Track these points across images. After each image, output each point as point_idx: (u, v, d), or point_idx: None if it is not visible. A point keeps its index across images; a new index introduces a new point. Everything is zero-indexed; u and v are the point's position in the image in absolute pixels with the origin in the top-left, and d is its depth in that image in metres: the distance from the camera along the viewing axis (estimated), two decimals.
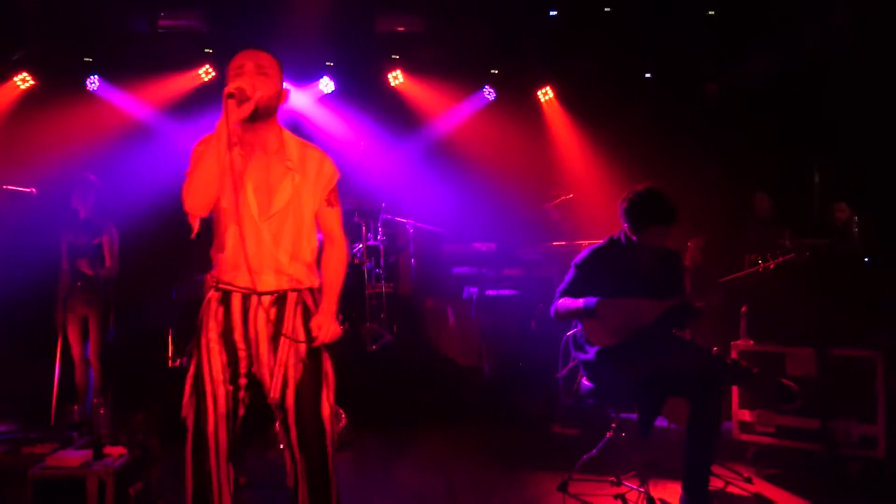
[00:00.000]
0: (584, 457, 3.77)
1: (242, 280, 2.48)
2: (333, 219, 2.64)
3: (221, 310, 2.51)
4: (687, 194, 4.78)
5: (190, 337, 6.03)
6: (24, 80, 6.72)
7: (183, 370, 5.74)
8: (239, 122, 2.38)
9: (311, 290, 2.58)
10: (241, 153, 2.49)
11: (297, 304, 2.54)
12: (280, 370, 2.48)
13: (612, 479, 3.78)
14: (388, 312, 6.31)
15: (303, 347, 2.49)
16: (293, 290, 2.53)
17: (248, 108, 2.36)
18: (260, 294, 2.49)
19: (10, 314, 5.66)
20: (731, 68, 6.82)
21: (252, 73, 2.43)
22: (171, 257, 6.06)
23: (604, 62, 7.03)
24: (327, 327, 2.50)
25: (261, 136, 2.51)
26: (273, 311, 2.50)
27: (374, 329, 6.10)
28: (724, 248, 5.76)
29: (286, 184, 2.50)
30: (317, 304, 2.58)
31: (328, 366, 2.56)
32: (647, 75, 7.30)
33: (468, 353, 6.14)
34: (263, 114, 2.45)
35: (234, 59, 2.47)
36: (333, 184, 2.62)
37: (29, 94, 6.76)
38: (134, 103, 6.97)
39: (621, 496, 3.65)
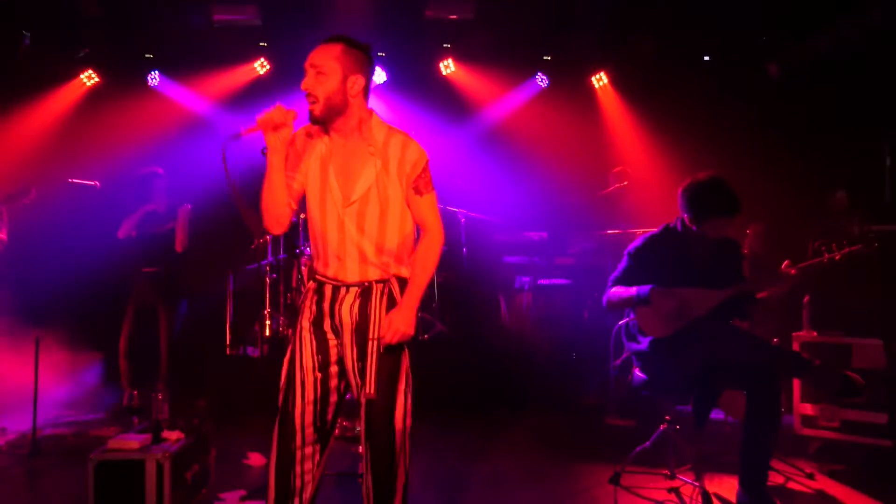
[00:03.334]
0: (638, 449, 3.70)
1: (331, 271, 2.48)
2: (423, 207, 2.50)
3: (315, 299, 2.52)
4: (747, 179, 4.62)
5: (247, 326, 6.09)
6: (89, 78, 6.95)
7: (240, 358, 5.83)
8: (286, 139, 2.43)
9: (400, 279, 2.49)
10: (328, 141, 2.49)
11: (382, 295, 2.45)
12: (360, 363, 2.44)
13: (666, 472, 3.70)
14: (439, 302, 6.31)
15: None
16: (379, 280, 2.47)
17: (287, 133, 2.42)
18: (347, 286, 2.47)
19: (76, 303, 5.89)
20: (792, 47, 6.54)
21: (310, 78, 2.42)
22: (230, 247, 6.19)
23: (659, 45, 6.83)
24: (396, 326, 2.39)
25: (340, 127, 2.48)
26: (358, 302, 2.46)
27: (426, 319, 6.11)
28: (787, 235, 5.56)
29: (368, 169, 2.45)
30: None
31: (406, 360, 2.48)
32: (706, 57, 7.08)
33: (520, 342, 6.10)
34: (332, 112, 2.43)
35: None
36: (419, 170, 2.48)
37: (93, 91, 6.98)
38: (193, 97, 7.13)
39: (675, 490, 3.58)
